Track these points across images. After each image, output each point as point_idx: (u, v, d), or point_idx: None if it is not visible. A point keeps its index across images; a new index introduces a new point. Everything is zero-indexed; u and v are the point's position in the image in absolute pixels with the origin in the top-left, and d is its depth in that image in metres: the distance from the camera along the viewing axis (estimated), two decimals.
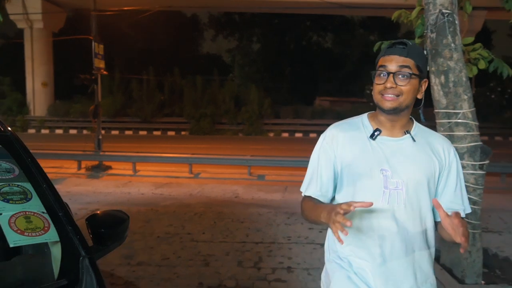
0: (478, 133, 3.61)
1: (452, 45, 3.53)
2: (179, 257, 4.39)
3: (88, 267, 1.36)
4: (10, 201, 1.44)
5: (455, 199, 1.52)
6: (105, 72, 13.09)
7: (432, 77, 3.69)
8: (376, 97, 1.47)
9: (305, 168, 6.87)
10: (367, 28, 31.19)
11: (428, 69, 3.83)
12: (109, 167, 11.14)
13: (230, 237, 5.12)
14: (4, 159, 1.63)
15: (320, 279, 3.85)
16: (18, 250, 1.80)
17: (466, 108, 3.56)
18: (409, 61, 1.42)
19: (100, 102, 12.66)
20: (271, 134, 23.52)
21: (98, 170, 10.81)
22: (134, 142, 18.28)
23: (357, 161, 1.47)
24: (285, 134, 23.33)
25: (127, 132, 23.64)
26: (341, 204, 1.26)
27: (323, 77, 29.48)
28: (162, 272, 3.97)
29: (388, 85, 1.41)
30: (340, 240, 1.21)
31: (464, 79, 3.57)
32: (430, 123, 3.66)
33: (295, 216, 6.02)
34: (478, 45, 3.87)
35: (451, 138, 3.64)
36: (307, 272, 3.99)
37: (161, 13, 19.78)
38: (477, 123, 3.60)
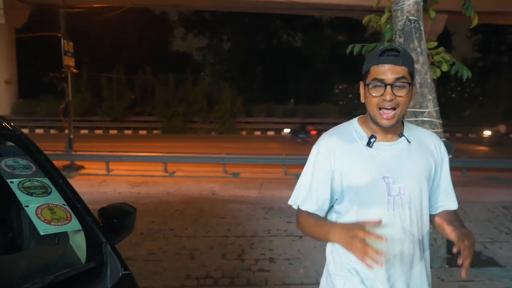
0: (441, 130, 3.95)
1: (418, 49, 3.85)
2: (165, 252, 4.52)
3: (111, 251, 1.52)
4: (34, 195, 1.58)
5: (449, 194, 1.53)
6: (75, 70, 12.87)
7: None
8: (373, 110, 1.39)
9: (279, 166, 7.22)
10: (335, 28, 31.92)
11: None
12: (82, 167, 11.02)
13: (212, 231, 5.28)
14: (20, 157, 1.75)
15: (301, 268, 4.08)
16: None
17: (431, 107, 3.88)
18: (404, 70, 1.34)
19: (71, 100, 12.48)
20: (244, 133, 23.73)
21: (70, 170, 10.67)
22: (105, 141, 18.04)
23: (357, 172, 1.41)
24: (258, 133, 23.60)
25: (97, 132, 23.25)
26: (358, 230, 1.23)
27: (294, 76, 29.96)
28: (150, 266, 4.10)
29: (388, 97, 1.33)
30: (370, 267, 1.18)
31: (429, 80, 3.90)
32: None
33: (273, 211, 6.26)
34: (441, 49, 4.21)
35: None
36: (288, 262, 4.23)
37: (129, 10, 19.55)
38: (440, 121, 3.94)
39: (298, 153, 11.41)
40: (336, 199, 1.49)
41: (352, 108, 21.97)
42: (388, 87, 1.33)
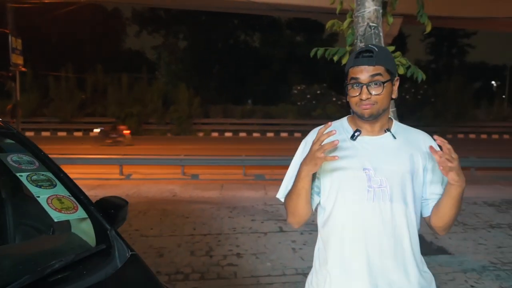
0: None
1: None
2: None
3: (116, 236, 1.75)
4: (42, 187, 1.78)
5: (442, 188, 1.52)
6: (23, 69, 12.55)
7: None
8: (354, 108, 1.49)
9: (238, 167, 7.61)
10: (294, 29, 32.75)
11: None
12: None
13: (178, 231, 5.49)
14: (22, 153, 1.93)
15: (268, 261, 4.39)
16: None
17: (389, 109, 4.32)
18: (379, 68, 1.43)
19: (19, 100, 12.16)
20: (201, 134, 23.85)
21: None
22: (53, 143, 17.54)
23: (339, 163, 1.46)
24: (215, 134, 23.80)
25: (44, 134, 22.51)
26: (312, 150, 1.35)
27: (252, 76, 30.41)
28: None
29: (364, 96, 1.43)
30: (329, 132, 1.32)
31: None
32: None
33: (236, 210, 6.54)
34: (398, 53, 4.66)
35: None
36: (255, 256, 4.52)
37: (80, 6, 19.14)
38: (397, 121, 4.39)
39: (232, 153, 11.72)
40: (320, 192, 1.55)
41: (310, 109, 22.77)
42: (364, 87, 1.43)
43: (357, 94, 1.44)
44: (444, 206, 1.44)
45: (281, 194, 1.62)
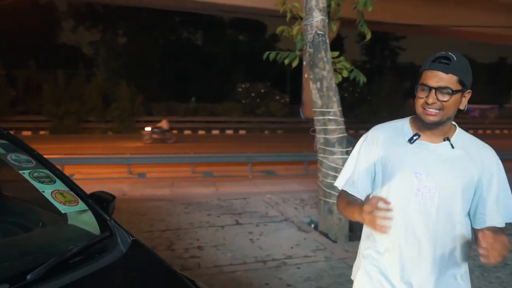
0: (344, 127, 4.88)
1: (325, 58, 4.72)
2: None
3: (115, 225, 1.97)
4: (44, 183, 1.95)
5: (496, 211, 1.50)
6: None
7: (311, 83, 4.84)
8: (418, 109, 1.50)
9: (186, 164, 7.95)
10: (236, 28, 33.10)
11: (306, 76, 5.00)
12: None
13: (135, 228, 5.60)
14: (19, 152, 2.08)
15: (228, 252, 4.69)
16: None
17: (335, 108, 4.78)
18: (453, 78, 1.42)
19: None
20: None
21: None
22: None
23: (393, 163, 1.53)
24: None
25: None
26: (365, 205, 1.36)
27: (195, 74, 30.35)
28: None
29: (430, 100, 1.44)
30: (382, 231, 1.34)
31: (333, 85, 4.80)
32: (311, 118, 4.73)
33: (192, 206, 6.75)
34: (342, 58, 5.16)
35: (325, 131, 4.85)
36: (215, 248, 4.79)
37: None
38: (343, 119, 4.87)
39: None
40: (375, 187, 1.63)
41: (254, 107, 23.26)
42: (432, 91, 1.43)
43: (424, 96, 1.46)
44: None
45: (340, 184, 1.71)
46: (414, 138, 1.52)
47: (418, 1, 24.04)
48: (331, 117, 4.77)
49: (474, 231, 1.54)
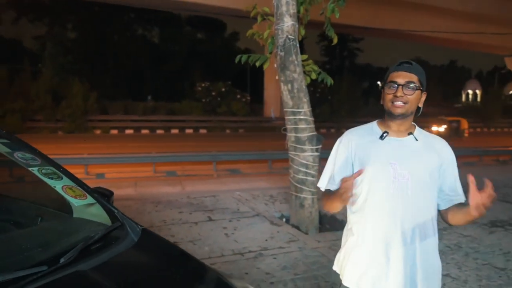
0: (313, 126, 5.23)
1: (296, 61, 5.05)
2: None
3: (123, 216, 2.17)
4: (53, 179, 2.12)
5: (455, 189, 1.86)
6: None
7: (282, 85, 5.16)
8: (387, 104, 1.81)
9: (147, 164, 8.16)
10: (194, 26, 33.05)
11: (277, 78, 5.32)
12: None
13: None
14: (23, 151, 2.23)
15: (205, 246, 4.91)
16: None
17: (305, 108, 5.13)
18: (414, 77, 1.78)
19: None
20: (98, 132, 23.02)
21: None
22: None
23: (370, 158, 1.82)
24: (115, 131, 23.16)
25: None
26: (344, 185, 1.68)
27: (152, 72, 30.03)
28: None
29: (398, 94, 1.76)
30: (350, 196, 1.68)
31: (303, 86, 5.14)
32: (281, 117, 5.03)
33: (161, 204, 6.88)
34: (310, 61, 5.51)
35: (296, 130, 5.19)
36: (192, 243, 4.98)
37: None
38: (313, 119, 5.22)
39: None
40: (357, 181, 1.81)
41: (215, 106, 23.40)
42: (400, 87, 1.77)
43: (393, 92, 1.79)
44: (460, 218, 1.79)
45: (322, 185, 1.97)
46: (384, 135, 1.83)
47: (378, 7, 25.37)
48: (301, 117, 5.11)
49: (447, 210, 1.84)
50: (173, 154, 12.02)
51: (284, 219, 5.79)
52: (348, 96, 28.53)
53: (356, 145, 1.88)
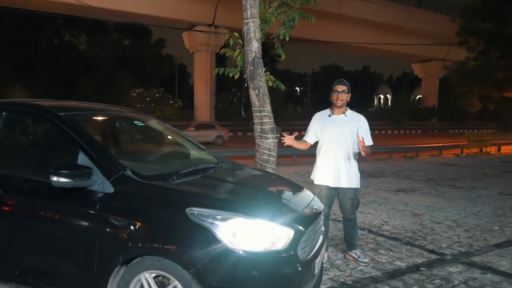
0: (273, 120, 7.32)
1: (261, 73, 7.09)
2: None
3: (221, 157, 4.09)
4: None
5: (366, 139, 3.78)
6: None
7: (251, 90, 7.13)
8: (334, 100, 3.94)
9: None
10: (121, 32, 33.69)
11: (246, 85, 7.35)
12: None
13: None
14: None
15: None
16: None
17: (268, 107, 7.15)
18: (344, 87, 3.88)
19: None
20: None
21: None
22: None
23: (324, 126, 3.99)
24: None
25: None
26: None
27: (80, 78, 30.20)
28: None
29: (339, 96, 3.87)
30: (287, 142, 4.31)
31: (266, 91, 7.21)
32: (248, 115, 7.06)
33: None
34: (268, 73, 7.53)
35: (261, 123, 7.23)
36: None
37: None
38: (273, 115, 7.30)
39: None
40: (318, 137, 4.10)
41: (150, 111, 24.51)
42: (339, 92, 3.90)
43: (336, 95, 3.93)
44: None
45: (305, 138, 4.24)
46: (331, 114, 4.04)
47: (299, 19, 28.30)
48: (265, 114, 7.13)
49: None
50: None
51: None
52: (272, 100, 30.97)
53: (319, 119, 4.12)
